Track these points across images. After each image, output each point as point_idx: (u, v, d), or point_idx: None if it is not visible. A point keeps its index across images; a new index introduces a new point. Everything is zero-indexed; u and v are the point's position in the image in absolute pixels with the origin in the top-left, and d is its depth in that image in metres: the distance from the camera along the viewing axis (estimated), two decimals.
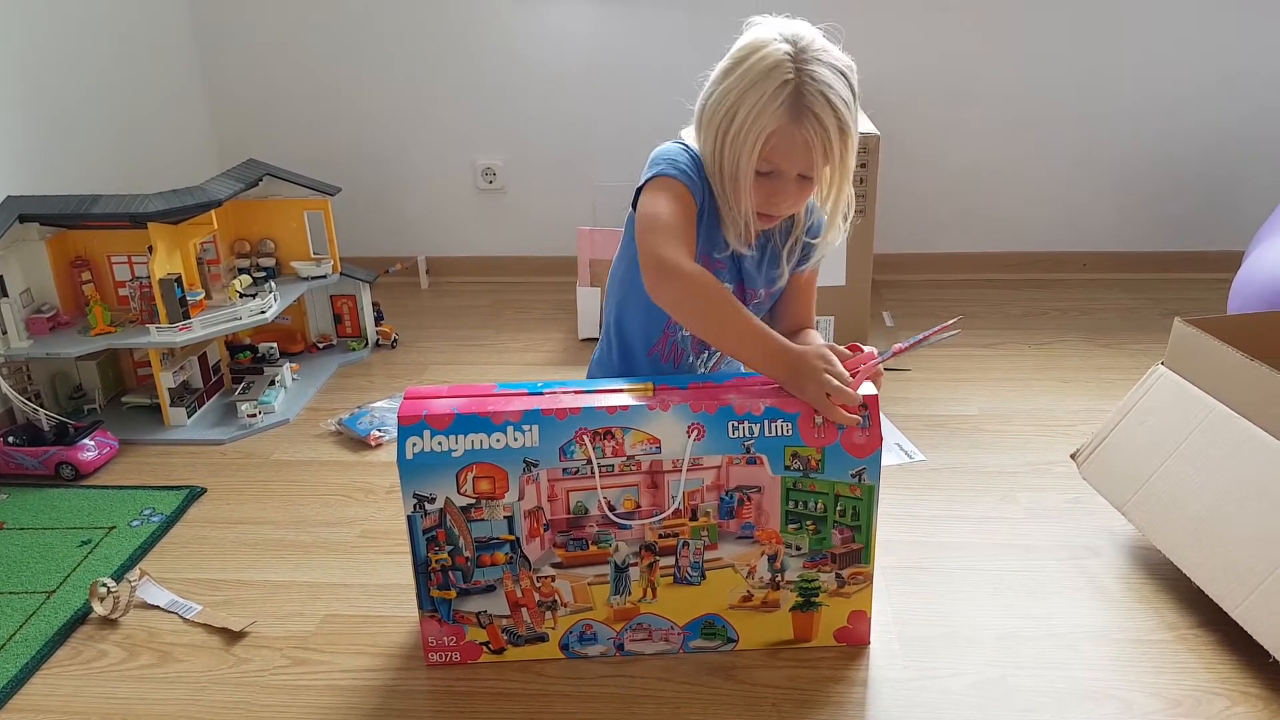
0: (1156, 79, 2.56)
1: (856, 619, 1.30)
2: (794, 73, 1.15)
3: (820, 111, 1.16)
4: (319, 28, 2.67)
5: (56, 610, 1.44)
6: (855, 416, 1.17)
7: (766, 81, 1.16)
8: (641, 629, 1.29)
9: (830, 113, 1.16)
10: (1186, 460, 1.35)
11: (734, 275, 1.34)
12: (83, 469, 1.80)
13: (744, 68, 1.18)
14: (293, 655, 1.34)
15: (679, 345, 1.38)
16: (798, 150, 1.18)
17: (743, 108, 1.17)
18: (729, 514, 1.22)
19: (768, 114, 1.16)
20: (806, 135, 1.16)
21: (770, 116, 1.16)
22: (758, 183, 1.22)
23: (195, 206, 1.93)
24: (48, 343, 1.91)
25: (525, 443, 1.18)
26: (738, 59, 1.20)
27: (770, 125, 1.16)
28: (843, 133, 1.18)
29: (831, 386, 1.14)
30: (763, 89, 1.16)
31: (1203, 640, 1.30)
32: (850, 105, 1.19)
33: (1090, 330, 2.36)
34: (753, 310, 1.30)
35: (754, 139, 1.17)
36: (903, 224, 2.68)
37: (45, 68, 2.15)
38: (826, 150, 1.18)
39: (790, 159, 1.19)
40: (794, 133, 1.16)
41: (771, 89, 1.15)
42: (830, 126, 1.16)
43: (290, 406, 2.06)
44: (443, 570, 1.24)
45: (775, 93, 1.15)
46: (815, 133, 1.16)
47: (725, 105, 1.19)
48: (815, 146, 1.17)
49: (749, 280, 1.35)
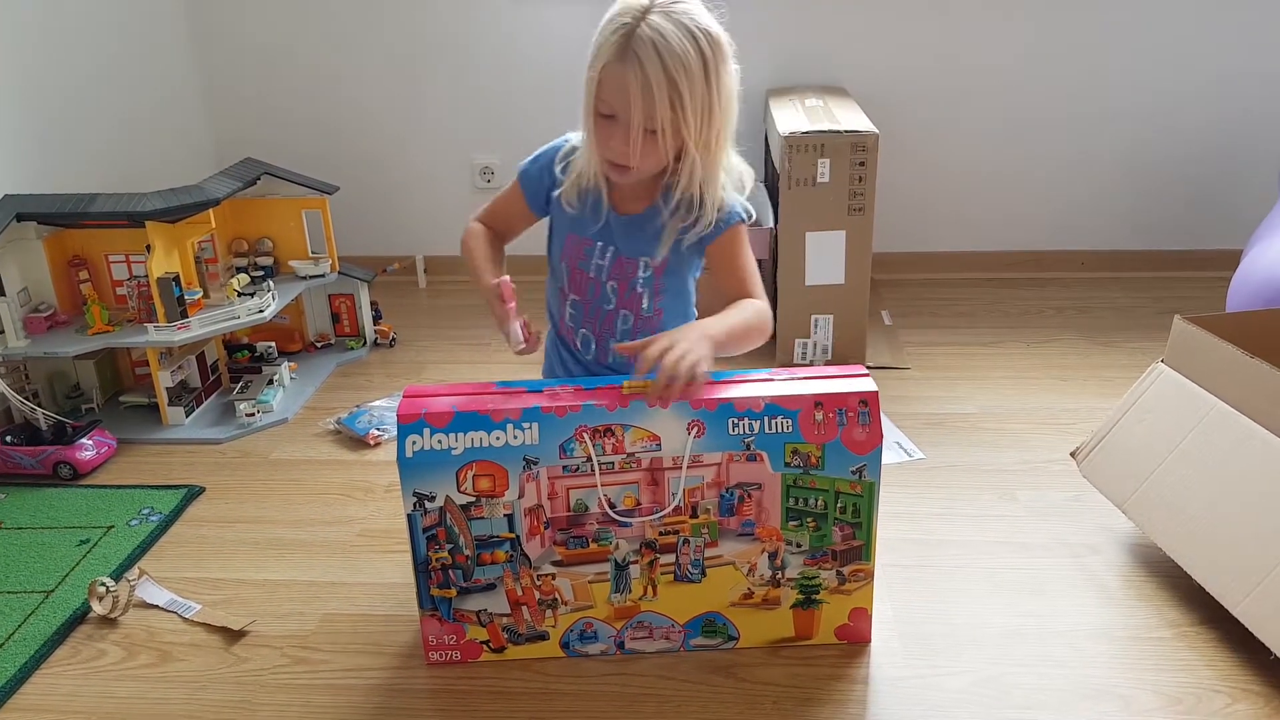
0: (1154, 78, 2.56)
1: (857, 616, 1.30)
2: (633, 18, 1.18)
3: (643, 55, 1.17)
4: (316, 27, 2.67)
5: (55, 610, 1.43)
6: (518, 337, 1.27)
7: (609, 22, 1.20)
8: (642, 627, 1.29)
9: (655, 59, 1.17)
10: (1187, 458, 1.36)
11: (609, 242, 1.35)
12: (81, 468, 1.80)
13: (605, 18, 1.22)
14: (292, 654, 1.34)
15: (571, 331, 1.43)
16: (621, 91, 1.19)
17: (592, 47, 1.22)
18: (729, 511, 1.22)
19: (602, 53, 1.20)
20: (627, 76, 1.18)
21: (601, 54, 1.20)
22: (602, 127, 1.24)
23: (193, 205, 1.92)
24: (45, 342, 1.90)
25: (525, 440, 1.18)
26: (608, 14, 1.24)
27: (600, 62, 1.20)
28: (671, 82, 1.18)
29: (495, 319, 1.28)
30: (605, 28, 1.20)
31: (1203, 637, 1.30)
32: (687, 62, 1.18)
33: (1088, 329, 2.36)
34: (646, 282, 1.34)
35: (590, 77, 1.21)
36: (901, 223, 2.68)
37: (43, 67, 2.14)
38: (648, 97, 1.18)
39: (619, 100, 1.20)
40: (619, 72, 1.18)
41: (610, 30, 1.19)
42: (652, 72, 1.17)
43: (288, 405, 2.06)
44: (443, 569, 1.23)
45: (611, 33, 1.19)
46: (635, 76, 1.17)
47: (591, 48, 1.23)
48: (634, 88, 1.18)
49: (625, 247, 1.35)
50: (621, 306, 1.37)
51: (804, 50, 2.59)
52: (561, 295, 1.41)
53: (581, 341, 1.41)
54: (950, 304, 2.55)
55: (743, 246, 1.38)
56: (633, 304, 1.37)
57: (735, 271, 1.37)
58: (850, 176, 2.04)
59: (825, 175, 2.04)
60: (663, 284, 1.37)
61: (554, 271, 1.43)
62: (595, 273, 1.36)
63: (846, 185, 2.05)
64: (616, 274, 1.36)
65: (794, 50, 2.59)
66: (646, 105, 1.19)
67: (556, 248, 1.40)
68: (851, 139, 2.02)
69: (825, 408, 1.18)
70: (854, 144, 2.02)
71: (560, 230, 1.39)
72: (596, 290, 1.37)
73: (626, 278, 1.36)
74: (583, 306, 1.38)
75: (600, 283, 1.36)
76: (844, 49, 2.59)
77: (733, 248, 1.37)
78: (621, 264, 1.35)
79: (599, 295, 1.37)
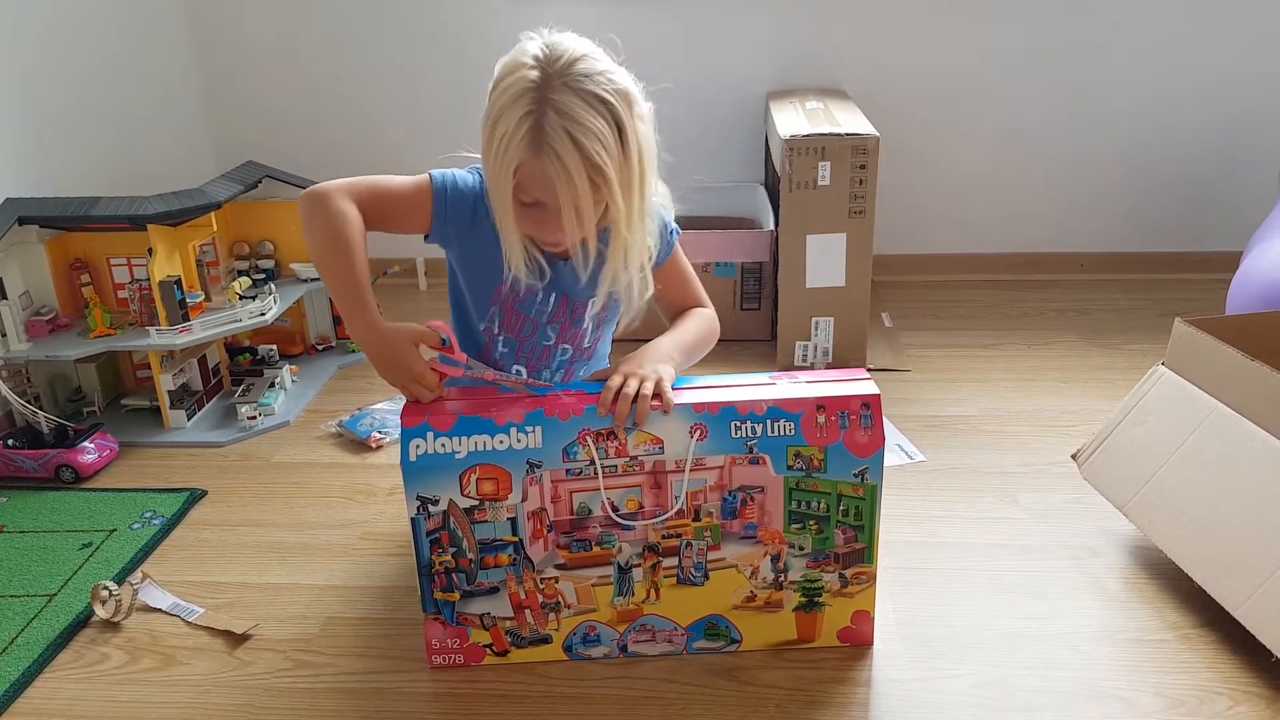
0: (1153, 79, 2.56)
1: (860, 619, 1.30)
2: (535, 104, 1.10)
3: (559, 148, 1.09)
4: (317, 29, 2.67)
5: (58, 614, 1.44)
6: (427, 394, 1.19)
7: (512, 111, 1.11)
8: (645, 630, 1.29)
9: (571, 149, 1.09)
10: (1187, 460, 1.36)
11: (554, 289, 1.31)
12: (83, 471, 1.80)
13: (497, 92, 1.13)
14: (296, 658, 1.34)
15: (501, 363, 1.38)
16: (548, 184, 1.12)
17: (495, 136, 1.12)
18: (732, 514, 1.22)
19: (513, 147, 1.11)
20: (547, 170, 1.11)
21: (514, 150, 1.11)
22: (526, 212, 1.17)
23: (195, 209, 1.93)
24: (47, 345, 1.90)
25: (529, 444, 1.18)
26: (495, 81, 1.15)
27: (515, 159, 1.11)
28: (593, 166, 1.11)
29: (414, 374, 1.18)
30: (509, 119, 1.11)
31: (1205, 640, 1.31)
32: (604, 140, 1.11)
33: (1088, 331, 2.36)
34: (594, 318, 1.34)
35: (505, 170, 1.12)
36: (901, 225, 2.68)
37: (44, 69, 2.14)
38: (574, 185, 1.11)
39: (546, 191, 1.13)
40: (538, 166, 1.11)
41: (515, 120, 1.10)
42: (571, 164, 1.09)
43: (290, 408, 2.06)
44: (446, 572, 1.24)
45: (518, 125, 1.10)
46: (557, 170, 1.10)
47: (485, 130, 1.15)
48: (560, 181, 1.11)
49: (574, 292, 1.32)
50: (562, 342, 1.38)
51: (804, 53, 2.59)
52: (488, 334, 1.36)
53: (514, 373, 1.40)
54: (951, 306, 2.56)
55: (682, 259, 1.41)
56: (575, 339, 1.39)
57: (681, 284, 1.40)
58: (851, 179, 2.04)
59: (826, 178, 2.04)
60: (606, 315, 1.39)
61: (466, 310, 1.36)
62: (536, 315, 1.35)
63: (847, 188, 2.05)
64: (560, 316, 1.35)
65: (794, 53, 2.59)
66: (571, 192, 1.12)
67: (482, 289, 1.32)
68: (852, 142, 2.02)
69: (827, 411, 1.19)
70: (855, 147, 2.02)
71: (487, 273, 1.30)
72: (534, 329, 1.36)
73: (572, 317, 1.36)
74: (517, 344, 1.37)
75: (540, 323, 1.36)
76: (844, 52, 2.59)
77: (676, 265, 1.40)
78: (567, 306, 1.35)
79: (537, 333, 1.36)
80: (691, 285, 1.41)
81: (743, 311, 2.35)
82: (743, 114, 2.64)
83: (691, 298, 1.41)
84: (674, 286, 1.39)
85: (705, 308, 1.41)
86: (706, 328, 1.37)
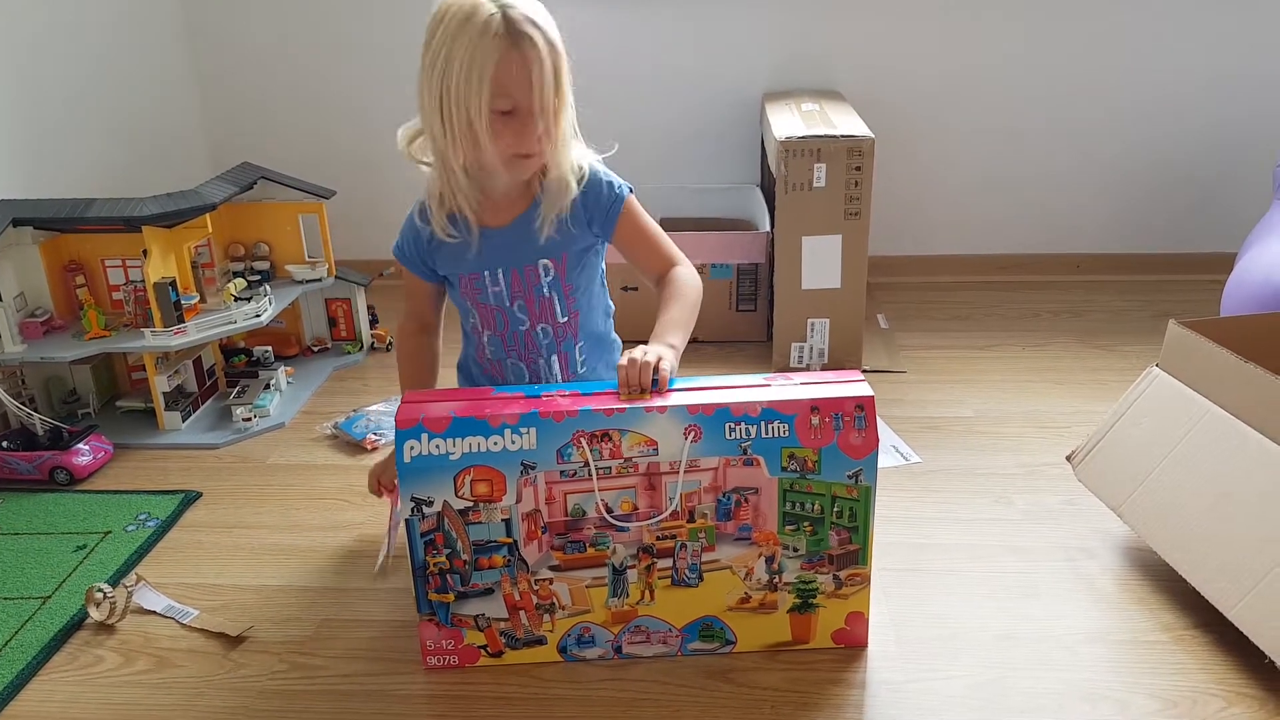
0: (1148, 81, 2.57)
1: (854, 620, 1.30)
2: (497, 7, 1.18)
3: (532, 31, 1.19)
4: (313, 30, 2.67)
5: (52, 616, 1.43)
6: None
7: (471, 23, 1.18)
8: (640, 631, 1.29)
9: (539, 32, 1.19)
10: (1182, 462, 1.36)
11: (498, 264, 1.35)
12: (77, 474, 1.80)
13: (443, 27, 1.20)
14: (290, 660, 1.34)
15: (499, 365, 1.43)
16: (524, 74, 1.19)
17: (456, 56, 1.18)
18: (726, 515, 1.22)
19: (484, 49, 1.17)
20: (527, 56, 1.19)
21: (489, 49, 1.17)
22: (502, 125, 1.22)
23: (190, 210, 1.92)
24: (41, 347, 1.90)
25: (523, 445, 1.18)
26: (434, 25, 1.22)
27: (492, 57, 1.18)
28: (554, 49, 1.22)
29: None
30: (470, 31, 1.17)
31: (1199, 641, 1.31)
32: (555, 31, 1.23)
33: (1084, 332, 2.37)
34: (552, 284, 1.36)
35: (478, 78, 1.18)
36: (897, 227, 2.68)
37: (38, 71, 2.14)
38: (545, 76, 1.20)
39: (521, 86, 1.20)
40: (516, 57, 1.18)
41: (479, 26, 1.17)
42: (543, 45, 1.19)
43: (285, 410, 2.06)
44: (441, 574, 1.24)
45: (484, 27, 1.17)
46: (533, 52, 1.19)
47: (438, 68, 1.20)
48: (536, 64, 1.19)
49: (516, 258, 1.35)
50: (537, 321, 1.39)
51: (800, 54, 2.60)
52: (475, 333, 1.42)
53: (514, 374, 1.42)
54: (946, 308, 2.56)
55: (642, 217, 1.41)
56: (546, 314, 1.39)
57: (647, 243, 1.40)
58: (846, 181, 2.04)
59: (821, 180, 2.05)
60: (570, 284, 1.39)
61: (462, 315, 1.44)
62: (495, 300, 1.37)
63: (842, 190, 2.05)
64: (518, 291, 1.36)
65: (790, 54, 2.60)
66: (544, 84, 1.20)
67: (455, 294, 1.42)
68: (848, 144, 2.03)
69: (822, 412, 1.19)
70: (850, 149, 2.03)
71: (450, 274, 1.39)
72: (504, 317, 1.38)
73: (529, 288, 1.36)
74: (499, 338, 1.40)
75: (503, 309, 1.37)
76: (840, 53, 2.59)
77: (634, 224, 1.39)
78: (518, 277, 1.36)
79: (509, 320, 1.38)
80: (662, 243, 1.41)
81: (738, 313, 2.35)
82: (738, 115, 2.64)
83: (666, 257, 1.40)
84: (644, 248, 1.40)
85: (680, 265, 1.40)
86: (692, 292, 1.36)
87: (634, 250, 1.40)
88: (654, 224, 1.41)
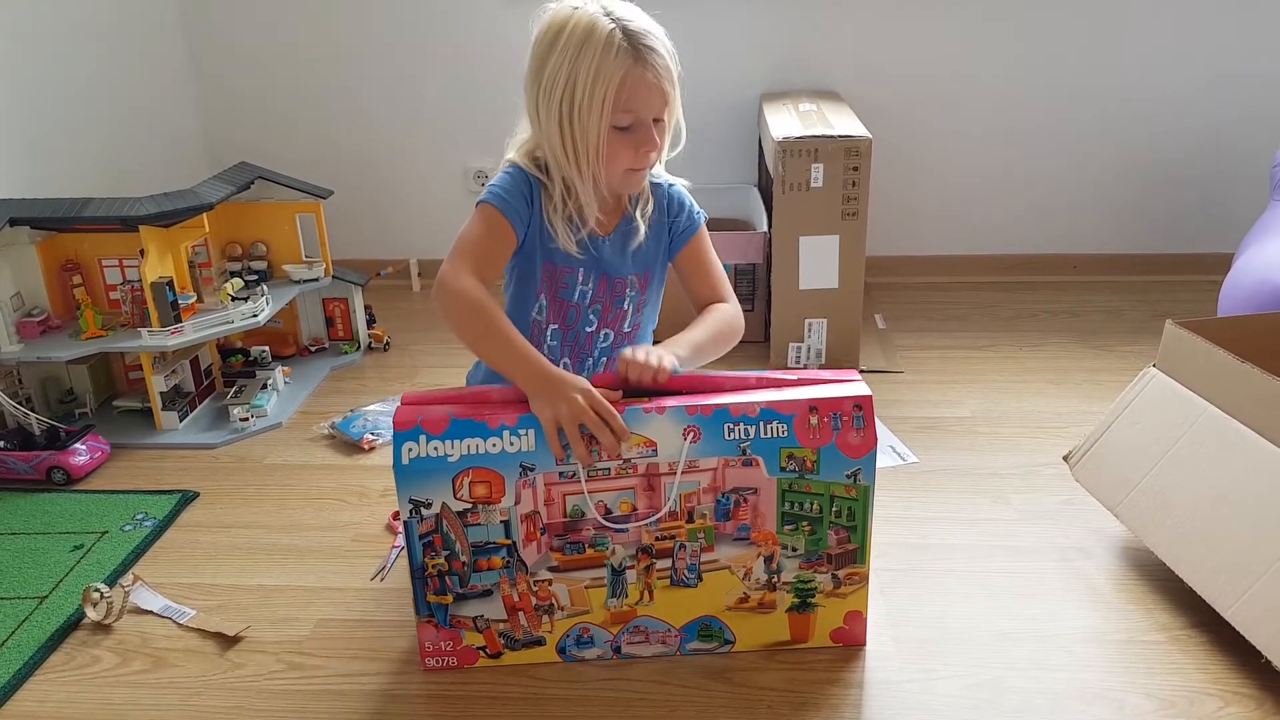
0: (1145, 82, 2.57)
1: (852, 620, 1.30)
2: (615, 23, 1.19)
3: (655, 45, 1.21)
4: (311, 30, 2.67)
5: (49, 616, 1.43)
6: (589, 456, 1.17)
7: (592, 40, 1.18)
8: (638, 631, 1.29)
9: (661, 45, 1.22)
10: (1178, 462, 1.36)
11: (594, 269, 1.34)
12: (74, 473, 1.79)
13: (562, 41, 1.20)
14: (288, 660, 1.34)
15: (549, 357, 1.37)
16: (650, 89, 1.21)
17: (581, 73, 1.19)
18: (725, 516, 1.23)
19: (609, 65, 1.18)
20: (653, 71, 1.20)
21: (613, 66, 1.18)
22: (621, 139, 1.23)
23: (187, 210, 1.92)
24: (38, 346, 1.90)
25: (521, 447, 1.18)
26: (548, 40, 1.22)
27: (617, 74, 1.18)
28: (674, 61, 1.24)
29: (587, 418, 1.15)
30: (593, 48, 1.18)
31: (1195, 641, 1.31)
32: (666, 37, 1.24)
33: (1081, 332, 2.37)
34: (633, 298, 1.35)
35: (602, 95, 1.19)
36: (895, 227, 2.69)
37: (35, 71, 2.14)
38: (669, 88, 1.23)
39: (646, 101, 1.22)
40: (642, 74, 1.20)
41: (602, 44, 1.18)
42: (668, 60, 1.22)
43: (282, 410, 2.06)
44: (439, 575, 1.23)
45: (607, 44, 1.18)
46: (659, 67, 1.21)
47: (560, 81, 1.21)
48: (663, 79, 1.21)
49: (613, 269, 1.35)
50: (604, 326, 1.39)
51: (797, 54, 2.60)
52: (536, 326, 1.37)
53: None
54: (943, 308, 2.56)
55: (708, 248, 1.42)
56: (615, 322, 1.39)
57: (707, 276, 1.41)
58: (844, 181, 2.05)
59: (819, 180, 2.05)
60: (646, 297, 1.40)
61: (523, 301, 1.37)
62: (579, 299, 1.36)
63: (840, 190, 2.05)
64: (601, 297, 1.36)
65: (787, 55, 2.60)
66: (668, 91, 1.23)
67: (529, 279, 1.35)
68: (845, 144, 2.03)
69: (820, 412, 1.19)
70: (847, 149, 2.03)
71: (533, 261, 1.34)
72: (578, 315, 1.37)
73: (613, 298, 1.37)
74: (563, 334, 1.39)
75: (583, 308, 1.37)
76: (838, 53, 2.60)
77: (700, 251, 1.41)
78: (607, 285, 1.36)
79: (580, 319, 1.37)
80: (715, 276, 1.42)
81: None
82: (736, 116, 2.64)
83: (715, 290, 1.41)
84: (700, 273, 1.41)
85: (727, 303, 1.40)
86: (725, 325, 1.36)
87: (692, 275, 1.41)
88: (718, 260, 1.43)
